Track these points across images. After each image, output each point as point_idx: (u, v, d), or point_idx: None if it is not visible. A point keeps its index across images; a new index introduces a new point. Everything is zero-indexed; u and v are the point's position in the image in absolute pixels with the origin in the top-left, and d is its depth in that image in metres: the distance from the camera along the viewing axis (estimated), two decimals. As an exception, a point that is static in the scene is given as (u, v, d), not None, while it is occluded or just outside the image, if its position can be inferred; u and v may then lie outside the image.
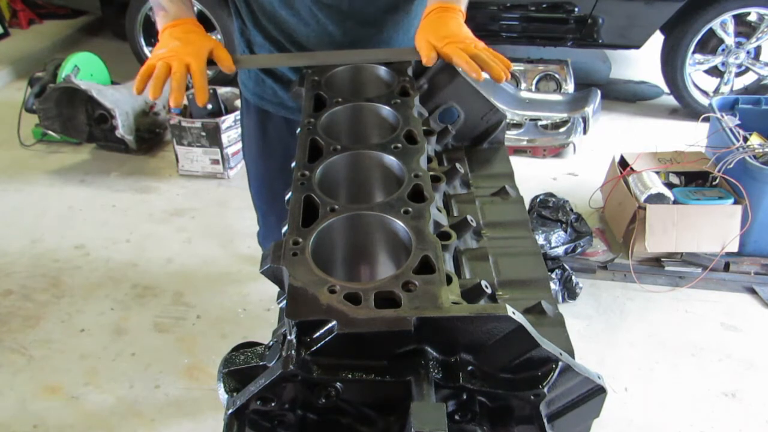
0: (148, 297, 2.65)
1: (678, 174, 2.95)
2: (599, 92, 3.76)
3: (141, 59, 4.45)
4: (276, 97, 1.47)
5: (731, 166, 2.70)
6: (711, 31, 3.94)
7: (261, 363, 0.79)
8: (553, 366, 0.74)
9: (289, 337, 0.73)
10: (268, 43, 1.43)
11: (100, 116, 3.54)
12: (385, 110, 1.14)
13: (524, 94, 3.82)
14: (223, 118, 3.34)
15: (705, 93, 4.12)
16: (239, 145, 3.51)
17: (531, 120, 3.70)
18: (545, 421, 0.76)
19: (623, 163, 3.04)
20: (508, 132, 3.60)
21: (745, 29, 4.00)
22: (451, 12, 1.26)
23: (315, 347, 0.70)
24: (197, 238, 3.01)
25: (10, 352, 2.38)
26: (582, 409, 0.81)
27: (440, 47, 1.18)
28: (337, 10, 1.36)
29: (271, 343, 0.82)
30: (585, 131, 3.65)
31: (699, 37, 3.92)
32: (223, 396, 0.80)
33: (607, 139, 3.84)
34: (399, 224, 0.86)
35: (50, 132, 3.60)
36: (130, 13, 4.36)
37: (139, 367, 2.31)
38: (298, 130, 1.11)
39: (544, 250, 2.76)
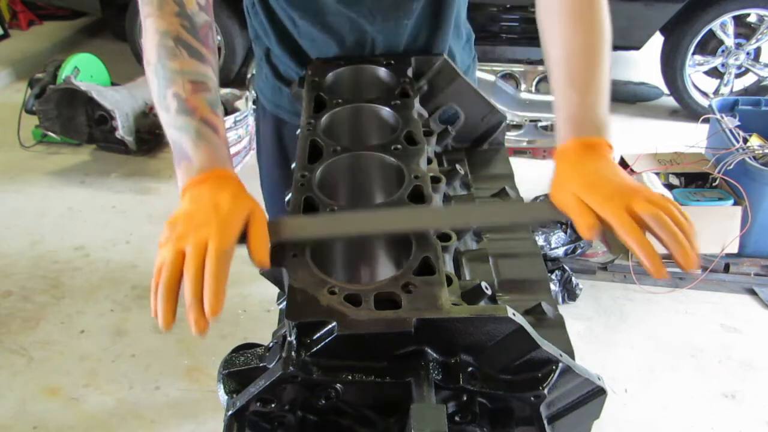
0: (148, 298, 2.64)
1: (678, 175, 2.95)
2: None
3: (141, 60, 4.42)
4: (293, 107, 1.44)
5: (731, 167, 2.70)
6: (711, 33, 3.94)
7: (261, 364, 0.79)
8: (554, 367, 0.74)
9: (289, 339, 0.73)
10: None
11: (100, 117, 3.54)
12: (386, 111, 1.14)
13: (524, 96, 3.82)
14: (223, 119, 3.33)
15: (705, 94, 4.12)
16: (239, 146, 3.52)
17: (531, 121, 3.70)
18: (545, 422, 0.76)
19: (623, 164, 3.04)
20: (508, 133, 3.61)
21: (745, 30, 4.01)
22: (597, 150, 0.88)
23: (315, 348, 0.70)
24: (197, 239, 3.01)
25: (10, 353, 2.38)
26: (582, 411, 0.81)
27: (597, 206, 0.80)
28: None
29: (271, 344, 0.82)
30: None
31: (699, 38, 3.92)
32: (222, 397, 0.80)
33: (607, 140, 3.84)
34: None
35: (50, 133, 3.60)
36: (130, 15, 4.36)
37: (139, 368, 2.31)
38: (298, 131, 1.11)
39: (544, 251, 2.76)
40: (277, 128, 1.53)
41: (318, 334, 0.71)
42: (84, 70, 3.71)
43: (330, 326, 0.70)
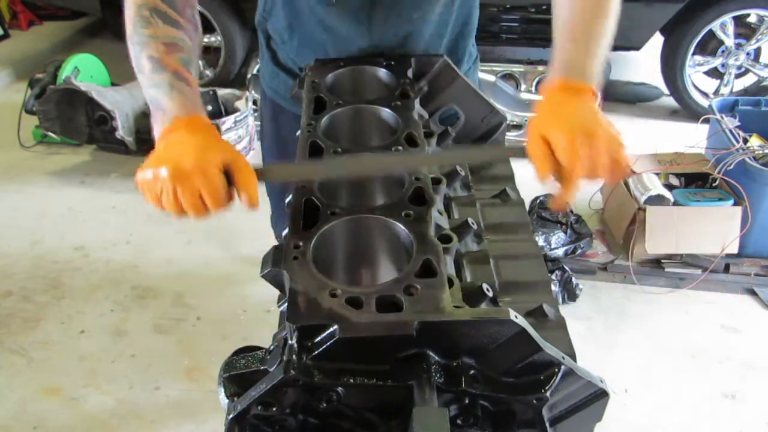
0: (148, 298, 2.64)
1: (678, 175, 2.95)
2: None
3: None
4: (288, 92, 1.47)
5: (731, 167, 2.70)
6: (711, 33, 3.94)
7: (262, 368, 0.79)
8: (556, 370, 0.74)
9: (290, 342, 0.73)
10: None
11: (100, 117, 3.53)
12: (386, 112, 1.14)
13: (524, 96, 3.82)
14: (223, 119, 3.33)
15: (705, 94, 4.11)
16: (239, 147, 3.51)
17: (531, 121, 3.70)
18: (548, 425, 0.76)
19: (623, 165, 3.03)
20: (508, 133, 3.60)
21: (745, 31, 4.00)
22: (581, 95, 0.93)
23: (316, 352, 0.70)
24: (197, 239, 3.01)
25: (10, 353, 2.38)
26: (584, 413, 0.81)
27: (563, 157, 0.85)
28: None
29: (272, 347, 0.82)
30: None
31: (699, 38, 3.92)
32: (223, 401, 0.80)
33: (607, 140, 3.84)
34: (400, 227, 0.86)
35: (50, 133, 3.59)
36: (129, 15, 4.35)
37: (139, 368, 2.31)
38: (299, 132, 1.11)
39: (544, 252, 2.76)
40: (275, 114, 1.55)
41: (319, 338, 0.71)
42: (84, 71, 3.71)
43: (331, 329, 0.70)
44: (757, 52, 4.06)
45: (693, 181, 2.92)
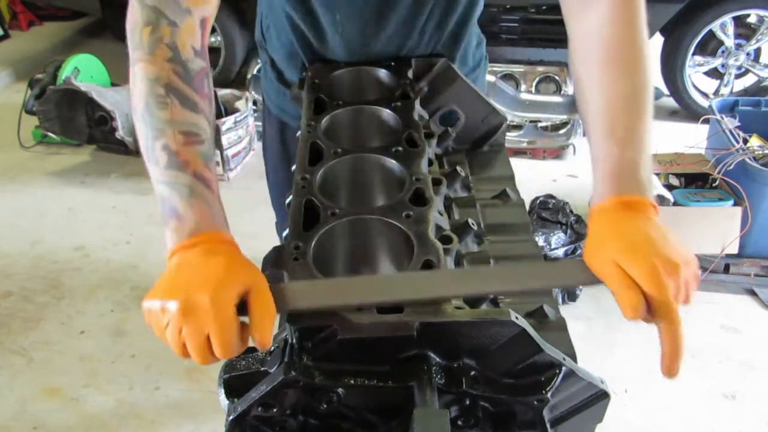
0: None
1: (678, 175, 2.95)
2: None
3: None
4: (296, 111, 1.45)
5: (731, 167, 2.70)
6: (711, 33, 3.94)
7: (262, 369, 0.79)
8: (557, 371, 0.74)
9: (290, 343, 0.73)
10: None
11: (101, 118, 3.54)
12: (386, 113, 1.14)
13: (524, 96, 3.82)
14: (223, 120, 3.33)
15: (705, 95, 4.11)
16: (239, 147, 3.51)
17: (531, 122, 3.70)
18: (548, 426, 0.76)
19: (623, 165, 3.03)
20: (508, 134, 3.60)
21: (745, 31, 4.00)
22: (640, 210, 0.79)
23: (317, 353, 0.70)
24: (197, 239, 3.01)
25: (10, 353, 2.38)
26: (585, 414, 0.81)
27: (652, 291, 0.70)
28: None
29: (273, 348, 0.81)
30: (585, 133, 3.65)
31: (699, 38, 3.92)
32: (224, 402, 0.80)
33: (607, 140, 3.84)
34: (400, 228, 0.86)
35: (50, 134, 3.59)
36: (129, 15, 4.35)
37: (139, 368, 2.31)
38: (298, 133, 1.10)
39: (544, 252, 2.76)
40: (281, 131, 1.54)
41: (319, 338, 0.71)
42: (84, 71, 3.71)
43: (332, 330, 0.70)
44: (757, 52, 4.06)
45: (693, 182, 2.92)
